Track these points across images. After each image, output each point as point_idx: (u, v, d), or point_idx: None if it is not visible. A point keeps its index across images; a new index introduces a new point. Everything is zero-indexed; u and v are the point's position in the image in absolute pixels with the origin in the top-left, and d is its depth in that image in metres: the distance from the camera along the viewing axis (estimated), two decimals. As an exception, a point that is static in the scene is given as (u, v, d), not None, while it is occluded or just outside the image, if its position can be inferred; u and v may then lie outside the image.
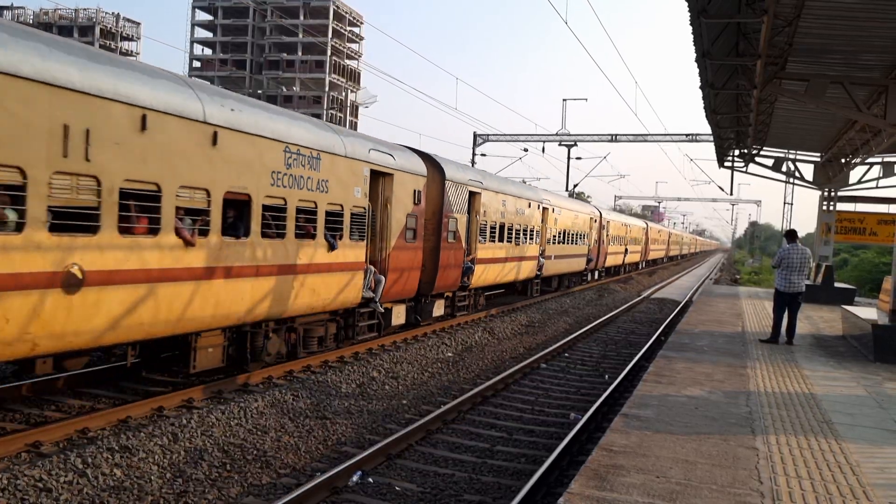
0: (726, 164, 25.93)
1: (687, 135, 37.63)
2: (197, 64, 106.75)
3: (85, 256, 7.21)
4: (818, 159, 24.11)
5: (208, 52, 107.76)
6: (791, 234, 13.09)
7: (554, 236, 25.22)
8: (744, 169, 25.54)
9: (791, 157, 24.92)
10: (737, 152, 24.67)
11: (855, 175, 23.67)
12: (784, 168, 24.78)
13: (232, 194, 9.17)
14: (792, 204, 39.78)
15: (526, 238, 21.57)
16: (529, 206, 21.93)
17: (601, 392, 11.05)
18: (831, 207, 23.30)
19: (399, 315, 14.84)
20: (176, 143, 8.23)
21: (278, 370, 11.31)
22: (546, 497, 6.82)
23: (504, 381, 11.54)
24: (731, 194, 34.37)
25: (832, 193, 23.36)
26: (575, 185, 55.47)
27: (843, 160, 22.69)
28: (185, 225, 8.58)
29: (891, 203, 22.89)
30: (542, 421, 9.74)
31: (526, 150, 41.98)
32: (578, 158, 48.20)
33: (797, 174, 24.84)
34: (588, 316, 21.47)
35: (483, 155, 42.96)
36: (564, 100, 46.96)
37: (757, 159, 24.34)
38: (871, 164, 23.57)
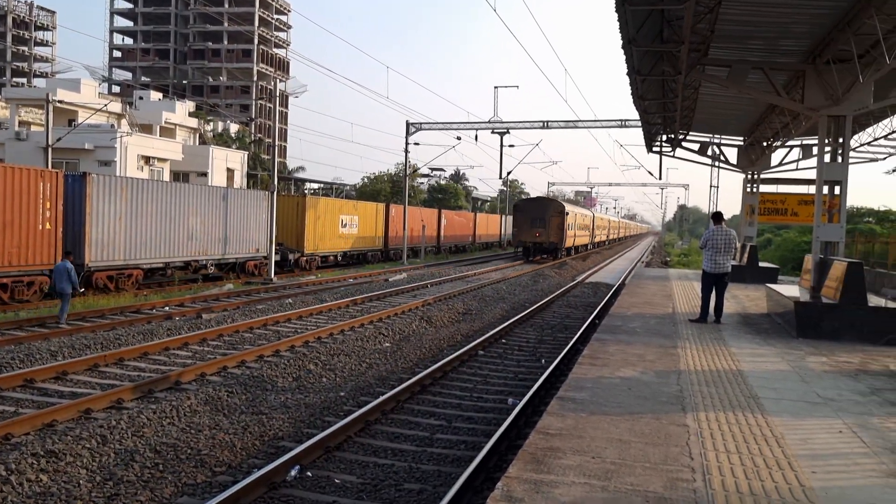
0: (655, 149, 26.57)
1: (616, 121, 38.34)
2: (117, 54, 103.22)
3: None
4: (741, 143, 24.91)
5: (129, 41, 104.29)
6: (717, 217, 13.47)
7: None
8: (671, 154, 26.21)
9: (716, 141, 25.71)
10: (664, 137, 25.32)
11: (776, 158, 24.60)
12: (710, 152, 25.54)
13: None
14: (718, 187, 41.14)
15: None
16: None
17: (538, 376, 11.21)
18: (755, 189, 24.11)
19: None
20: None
21: (212, 366, 11.13)
22: (486, 482, 6.88)
23: (442, 369, 11.59)
24: (660, 179, 35.33)
25: (755, 176, 24.16)
26: (508, 173, 55.95)
27: (764, 143, 23.52)
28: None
29: (810, 184, 23.80)
30: (480, 407, 9.82)
31: (459, 138, 42.12)
32: (511, 146, 48.70)
33: (722, 158, 25.62)
34: (524, 301, 21.72)
35: (416, 144, 42.94)
36: (496, 87, 46.99)
37: (684, 144, 25.03)
38: (791, 147, 24.54)
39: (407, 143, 40.76)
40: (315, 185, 77.32)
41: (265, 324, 15.66)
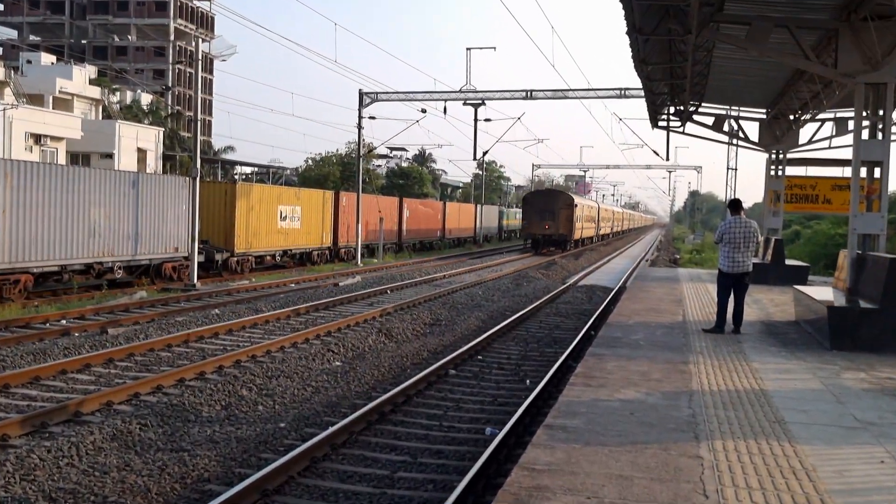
0: (661, 123, 26.82)
1: (614, 90, 38.56)
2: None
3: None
4: (764, 116, 25.18)
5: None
6: (734, 205, 13.62)
7: None
8: (681, 129, 26.47)
9: (733, 114, 25.94)
10: (672, 110, 25.55)
11: (805, 134, 24.87)
12: (726, 127, 25.76)
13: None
14: (736, 169, 41.54)
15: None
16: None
17: (522, 400, 11.25)
18: (780, 172, 24.38)
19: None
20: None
21: (121, 393, 11.02)
22: (458, 530, 6.90)
23: (405, 393, 11.60)
24: (668, 159, 35.48)
25: (780, 156, 24.43)
26: (484, 153, 56.09)
27: (791, 117, 23.80)
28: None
29: (845, 165, 24.00)
30: (452, 439, 9.84)
31: (424, 110, 42.08)
32: (488, 120, 48.66)
33: (741, 134, 25.88)
34: (503, 309, 21.82)
35: (372, 118, 42.78)
36: (468, 49, 46.19)
37: (695, 117, 25.22)
38: (823, 121, 24.72)
39: (360, 117, 40.67)
40: (248, 169, 76.78)
41: (187, 340, 15.53)
